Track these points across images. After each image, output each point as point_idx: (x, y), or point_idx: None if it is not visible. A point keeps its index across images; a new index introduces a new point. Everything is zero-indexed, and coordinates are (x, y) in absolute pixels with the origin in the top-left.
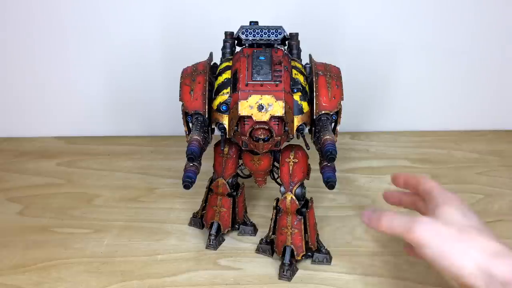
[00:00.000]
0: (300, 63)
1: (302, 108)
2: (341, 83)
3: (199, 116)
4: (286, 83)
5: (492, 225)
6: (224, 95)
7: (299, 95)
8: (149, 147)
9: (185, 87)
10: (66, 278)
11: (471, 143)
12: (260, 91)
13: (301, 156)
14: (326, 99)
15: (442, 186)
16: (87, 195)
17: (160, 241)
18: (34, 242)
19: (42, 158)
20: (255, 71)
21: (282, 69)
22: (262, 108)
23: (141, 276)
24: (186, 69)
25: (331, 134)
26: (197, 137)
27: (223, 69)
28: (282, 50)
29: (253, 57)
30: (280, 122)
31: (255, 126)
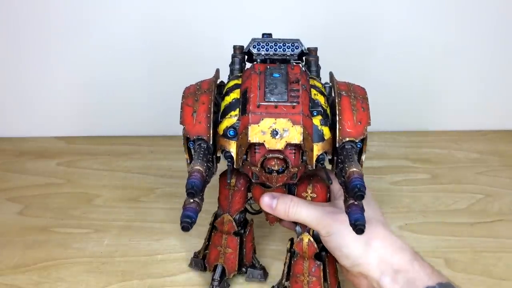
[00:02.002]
0: (319, 82)
1: (323, 134)
2: (368, 106)
3: (203, 142)
4: (304, 104)
5: (492, 225)
6: (232, 118)
7: (320, 119)
8: (149, 147)
9: (186, 108)
10: (66, 278)
11: (472, 143)
12: (274, 114)
13: (320, 189)
14: (350, 124)
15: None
16: (87, 195)
17: (160, 241)
18: (34, 242)
19: (42, 158)
20: (268, 90)
21: (299, 88)
22: (276, 134)
23: (141, 276)
24: (189, 88)
25: (357, 166)
26: (199, 168)
27: (231, 87)
28: (299, 67)
29: (266, 74)
30: (297, 150)
31: (267, 155)
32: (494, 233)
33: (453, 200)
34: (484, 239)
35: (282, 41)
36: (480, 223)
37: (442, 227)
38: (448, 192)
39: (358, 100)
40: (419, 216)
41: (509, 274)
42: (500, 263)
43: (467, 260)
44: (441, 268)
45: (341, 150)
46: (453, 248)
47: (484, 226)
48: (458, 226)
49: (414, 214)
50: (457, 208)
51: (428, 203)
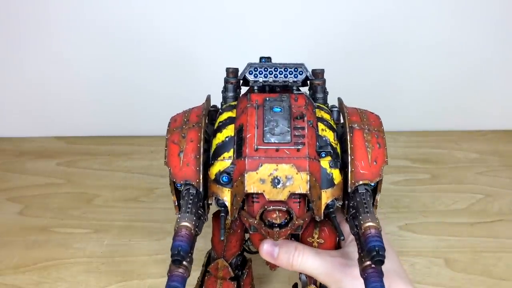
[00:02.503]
0: (327, 112)
1: (332, 179)
2: (384, 140)
3: (191, 187)
4: (311, 145)
5: (492, 225)
6: (225, 161)
7: (329, 160)
8: (149, 147)
9: (172, 147)
10: (66, 278)
11: (472, 143)
12: (275, 159)
13: (328, 234)
14: (365, 165)
15: None
16: (87, 195)
17: (160, 241)
18: (34, 242)
19: (42, 158)
20: (268, 129)
21: (305, 125)
22: (278, 183)
23: (141, 276)
24: (175, 120)
25: (374, 219)
26: (187, 224)
27: (224, 122)
28: (304, 97)
29: (265, 108)
30: (302, 200)
31: (268, 207)
32: (494, 233)
33: (453, 200)
34: (484, 239)
35: (283, 65)
36: (480, 223)
37: (442, 227)
38: (448, 192)
39: (373, 134)
40: (419, 216)
41: (509, 274)
42: (500, 263)
43: (467, 260)
44: (441, 268)
45: (353, 194)
46: (453, 248)
47: (484, 226)
48: (458, 226)
49: (414, 214)
50: (457, 208)
51: (428, 203)
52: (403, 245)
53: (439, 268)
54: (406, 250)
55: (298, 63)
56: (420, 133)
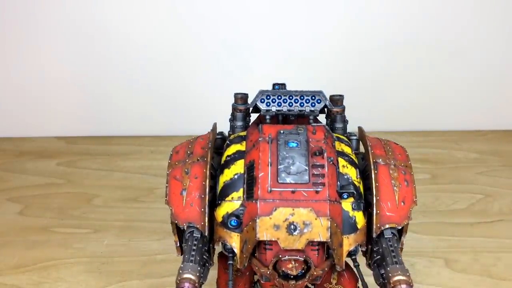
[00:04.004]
0: (347, 144)
1: (355, 223)
2: (412, 177)
3: (196, 230)
4: (331, 186)
5: (492, 225)
6: (234, 202)
7: (351, 201)
8: (149, 147)
9: (173, 184)
10: (66, 278)
11: (472, 143)
12: (291, 202)
13: (347, 280)
14: (391, 206)
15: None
16: (86, 195)
17: (160, 241)
18: (34, 242)
19: (42, 158)
20: (283, 167)
21: (325, 163)
22: (294, 230)
23: (141, 276)
24: (176, 151)
25: (404, 272)
26: (190, 276)
27: (232, 156)
28: (322, 129)
29: (279, 143)
30: (321, 247)
31: (282, 256)
32: (494, 233)
33: (453, 200)
34: (484, 239)
35: (299, 93)
36: (480, 223)
37: (442, 227)
38: (448, 192)
39: (400, 170)
40: (419, 216)
41: (508, 274)
42: (499, 263)
43: (467, 260)
44: (441, 268)
45: (378, 239)
46: (453, 248)
47: (484, 226)
48: (458, 226)
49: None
50: (457, 208)
51: (428, 203)
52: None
53: (439, 268)
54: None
55: (315, 90)
56: (420, 133)
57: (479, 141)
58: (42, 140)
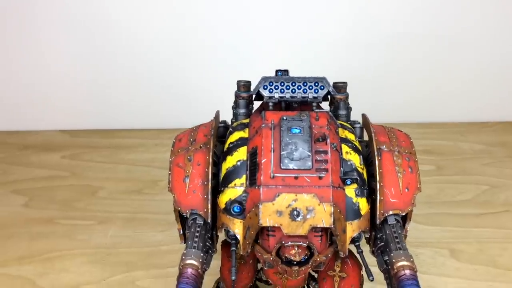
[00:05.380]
0: (351, 131)
1: (358, 209)
2: (416, 163)
3: (198, 217)
4: (334, 172)
5: (498, 215)
6: (237, 189)
7: (354, 188)
8: (153, 140)
9: (176, 171)
10: (70, 269)
11: (478, 135)
12: (294, 188)
13: (351, 267)
14: (395, 192)
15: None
16: (91, 188)
17: (165, 232)
18: (39, 233)
19: (46, 151)
20: (286, 153)
21: (328, 149)
22: (297, 215)
23: (146, 267)
24: (179, 139)
25: (408, 257)
26: (193, 262)
27: (235, 143)
28: (325, 116)
29: (282, 129)
30: (324, 233)
31: (285, 242)
32: (499, 224)
33: (458, 191)
34: (490, 230)
35: (302, 79)
36: (486, 214)
37: (447, 218)
38: (453, 183)
39: (404, 157)
40: (424, 207)
41: None
42: (505, 253)
43: (472, 251)
44: (446, 258)
45: (382, 226)
46: (458, 239)
47: (490, 217)
48: (463, 217)
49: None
50: (462, 199)
51: (433, 194)
52: (407, 235)
53: (444, 258)
54: (410, 241)
55: (318, 76)
56: (424, 125)
57: (485, 132)
58: (46, 134)
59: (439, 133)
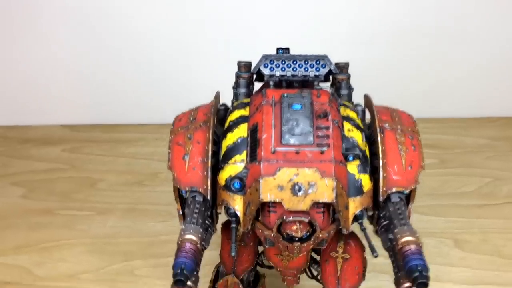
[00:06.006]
0: (353, 110)
1: (361, 186)
2: (419, 142)
3: (198, 194)
4: (336, 147)
5: (502, 207)
6: (237, 165)
7: (357, 164)
8: (154, 134)
9: (176, 149)
10: (68, 258)
11: (480, 129)
12: (295, 162)
13: (354, 249)
14: (398, 170)
15: None
16: (90, 180)
17: (165, 222)
18: (37, 224)
19: (46, 145)
20: (287, 129)
21: (329, 124)
22: (299, 190)
23: (145, 256)
24: (179, 118)
25: (412, 232)
26: (192, 237)
27: (235, 121)
28: (327, 93)
29: (283, 106)
30: (326, 209)
31: (287, 217)
32: (503, 215)
33: (461, 183)
34: (494, 221)
35: (303, 57)
36: (489, 205)
37: (450, 209)
38: (456, 176)
39: (407, 135)
40: (427, 199)
41: None
42: (510, 243)
43: (476, 241)
44: (450, 248)
45: (385, 204)
46: (462, 229)
47: (493, 208)
48: (467, 208)
49: (422, 197)
50: (465, 191)
51: (436, 186)
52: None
53: (448, 248)
54: None
55: (320, 54)
56: (426, 119)
57: (488, 127)
58: (46, 128)
59: (441, 128)
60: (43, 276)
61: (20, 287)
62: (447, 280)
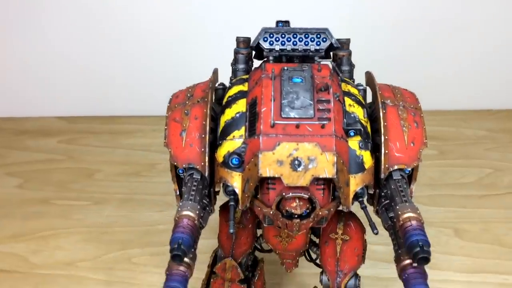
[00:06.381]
0: (355, 87)
1: (362, 162)
2: (422, 119)
3: (195, 172)
4: (337, 121)
5: (503, 197)
6: (235, 141)
7: (358, 140)
8: (152, 126)
9: (173, 125)
10: (65, 247)
11: (480, 122)
12: (295, 136)
13: (354, 230)
14: (400, 146)
15: None
16: (87, 170)
17: (162, 212)
18: (33, 213)
19: (43, 137)
20: (287, 102)
21: (330, 98)
22: (298, 165)
23: (142, 245)
24: (176, 95)
25: (414, 209)
26: (189, 213)
27: (234, 96)
28: (328, 67)
29: (283, 79)
30: (327, 186)
31: (286, 194)
32: (504, 205)
33: (461, 174)
34: (495, 211)
35: (303, 31)
36: (490, 196)
37: (450, 199)
38: (456, 167)
39: (409, 112)
40: (426, 189)
41: None
42: (511, 232)
43: (477, 230)
44: (449, 237)
45: (386, 182)
46: (462, 219)
47: (494, 198)
48: (467, 198)
49: (421, 187)
50: (465, 182)
51: (435, 177)
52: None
53: (448, 237)
54: None
55: (321, 28)
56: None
57: (488, 119)
58: (43, 120)
59: (441, 120)
60: (39, 264)
61: (17, 275)
62: (447, 269)
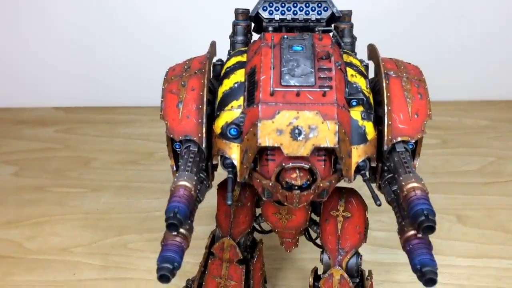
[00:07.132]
0: (356, 58)
1: (365, 133)
2: (426, 91)
3: (192, 144)
4: (339, 90)
5: (506, 184)
6: (234, 111)
7: (360, 110)
8: (150, 116)
9: (169, 97)
10: (60, 233)
11: (482, 112)
12: (295, 105)
13: (356, 207)
14: (404, 118)
15: None
16: (84, 158)
17: (159, 199)
18: (29, 200)
19: (40, 126)
20: (287, 69)
21: (332, 66)
22: (299, 134)
23: (138, 231)
24: (173, 68)
25: (418, 179)
26: (185, 183)
27: (232, 67)
28: (329, 37)
29: (283, 47)
30: (328, 157)
31: (286, 164)
32: (508, 192)
33: (464, 162)
34: (498, 198)
35: (304, 0)
36: (493, 183)
37: (453, 187)
38: (458, 155)
39: (413, 84)
40: (428, 177)
41: None
42: None
43: (480, 217)
44: (452, 224)
45: (390, 155)
46: (465, 206)
47: (497, 185)
48: (470, 186)
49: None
50: (468, 170)
51: (438, 165)
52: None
53: (450, 224)
54: None
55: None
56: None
57: (490, 110)
58: (40, 110)
59: (443, 111)
60: (34, 249)
61: (11, 260)
62: (450, 254)
